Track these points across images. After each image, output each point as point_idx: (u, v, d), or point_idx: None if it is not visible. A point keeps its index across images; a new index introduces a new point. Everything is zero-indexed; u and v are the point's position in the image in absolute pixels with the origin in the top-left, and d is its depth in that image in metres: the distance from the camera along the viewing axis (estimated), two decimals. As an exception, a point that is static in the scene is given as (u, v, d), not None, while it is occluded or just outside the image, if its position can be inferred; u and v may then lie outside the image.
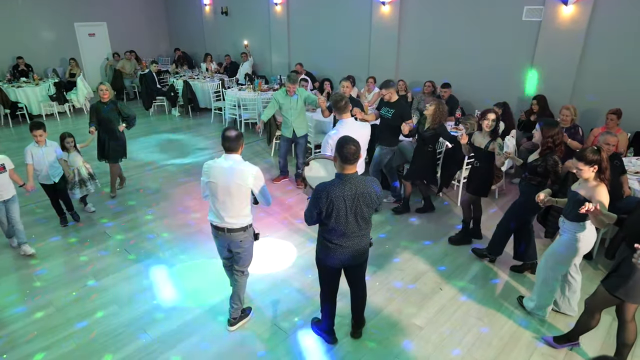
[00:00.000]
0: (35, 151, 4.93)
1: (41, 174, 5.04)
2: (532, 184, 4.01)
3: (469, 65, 7.67)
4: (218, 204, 3.35)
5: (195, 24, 13.75)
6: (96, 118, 5.75)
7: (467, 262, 4.73)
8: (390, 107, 5.49)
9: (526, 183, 4.10)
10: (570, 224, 3.43)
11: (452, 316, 3.91)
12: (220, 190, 3.29)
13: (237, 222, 3.38)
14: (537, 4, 6.59)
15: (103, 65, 13.73)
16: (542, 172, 3.92)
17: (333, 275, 3.35)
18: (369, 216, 3.11)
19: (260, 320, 3.88)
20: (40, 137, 4.91)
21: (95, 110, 5.77)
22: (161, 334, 3.71)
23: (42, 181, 5.11)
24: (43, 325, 3.80)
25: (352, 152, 2.90)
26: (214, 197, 3.35)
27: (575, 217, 3.36)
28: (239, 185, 3.26)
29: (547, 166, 3.86)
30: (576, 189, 3.36)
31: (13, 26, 11.75)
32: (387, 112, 5.52)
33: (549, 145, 3.87)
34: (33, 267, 4.63)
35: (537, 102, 6.33)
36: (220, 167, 3.29)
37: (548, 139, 3.85)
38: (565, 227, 3.49)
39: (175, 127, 10.03)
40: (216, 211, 3.39)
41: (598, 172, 3.20)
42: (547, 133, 3.84)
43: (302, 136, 6.38)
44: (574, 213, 3.28)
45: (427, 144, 5.27)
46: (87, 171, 5.56)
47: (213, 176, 3.29)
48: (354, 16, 9.23)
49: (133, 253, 4.88)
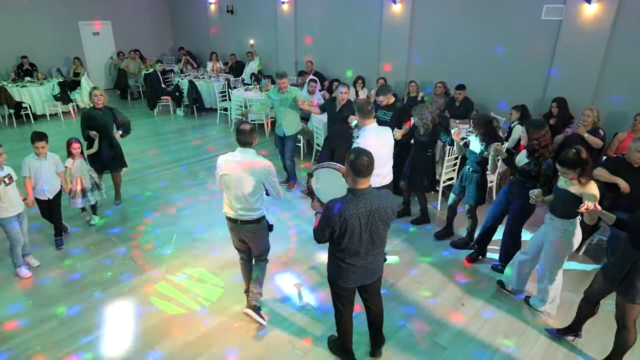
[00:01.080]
0: (33, 164, 4.56)
1: (35, 188, 4.64)
2: (526, 187, 3.95)
3: (484, 66, 7.44)
4: (231, 197, 3.44)
5: (200, 22, 13.55)
6: (89, 126, 5.35)
7: (490, 275, 4.52)
8: (388, 109, 5.46)
9: (520, 186, 4.04)
10: (561, 221, 3.47)
11: (477, 334, 3.70)
12: (234, 183, 3.38)
13: (250, 214, 3.47)
14: (558, 2, 6.35)
15: (107, 64, 13.56)
16: (536, 175, 3.90)
17: (347, 295, 3.15)
18: (385, 233, 2.90)
19: (275, 337, 3.69)
20: (42, 149, 4.55)
21: (88, 118, 5.38)
22: (169, 352, 3.52)
23: (36, 195, 4.68)
24: (47, 339, 3.63)
25: (366, 164, 2.67)
26: (228, 189, 3.44)
27: (566, 214, 3.42)
28: (251, 178, 3.35)
29: (541, 170, 3.84)
30: (564, 186, 3.40)
31: (17, 25, 11.59)
32: (384, 115, 5.44)
33: (534, 147, 3.83)
34: (37, 276, 4.46)
35: (557, 104, 6.10)
36: (234, 161, 3.37)
37: (534, 140, 3.82)
38: (555, 225, 3.51)
39: (180, 127, 9.86)
40: (230, 203, 3.47)
41: (582, 172, 3.26)
42: (534, 135, 3.81)
43: (290, 136, 6.20)
44: (566, 210, 3.38)
45: (425, 148, 5.10)
46: (92, 180, 5.27)
47: (227, 169, 3.37)
48: (364, 15, 9.00)
49: (139, 262, 4.70)
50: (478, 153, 4.51)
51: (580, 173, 3.27)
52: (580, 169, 3.25)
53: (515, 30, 6.94)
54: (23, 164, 4.51)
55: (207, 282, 4.41)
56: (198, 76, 11.09)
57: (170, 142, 8.72)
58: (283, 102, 6.05)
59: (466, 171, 4.72)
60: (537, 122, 3.98)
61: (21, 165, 4.49)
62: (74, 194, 5.10)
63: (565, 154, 3.31)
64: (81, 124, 5.41)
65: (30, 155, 4.58)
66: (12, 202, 4.18)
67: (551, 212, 3.57)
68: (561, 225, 3.49)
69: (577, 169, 3.25)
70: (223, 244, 5.00)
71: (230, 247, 4.53)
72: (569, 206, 3.33)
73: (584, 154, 3.27)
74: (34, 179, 4.59)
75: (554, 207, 3.53)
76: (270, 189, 3.48)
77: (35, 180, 4.61)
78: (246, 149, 3.39)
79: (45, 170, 4.64)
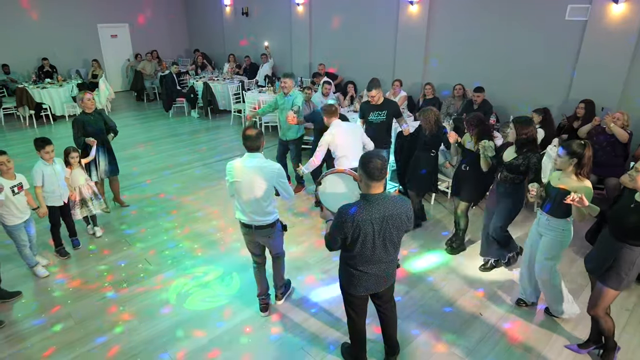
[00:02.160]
0: (46, 170, 4.42)
1: (53, 195, 4.52)
2: (516, 182, 4.02)
3: (504, 68, 7.29)
4: (244, 203, 3.43)
5: (215, 24, 13.62)
6: (85, 132, 5.19)
7: (509, 283, 4.38)
8: (381, 109, 5.29)
9: (510, 183, 4.04)
10: (557, 220, 3.45)
11: (496, 346, 3.57)
12: (245, 189, 3.37)
13: (264, 219, 3.48)
14: (583, 2, 6.18)
15: (124, 66, 13.72)
16: (524, 170, 3.92)
17: (359, 302, 3.06)
18: (399, 240, 2.80)
19: (288, 342, 3.62)
20: (52, 153, 4.44)
21: (82, 124, 5.19)
22: (181, 355, 3.48)
23: (51, 203, 4.55)
24: (62, 339, 3.63)
25: (379, 167, 2.57)
26: (240, 196, 3.43)
27: (562, 214, 3.41)
28: (262, 183, 3.35)
29: (530, 164, 3.87)
30: (557, 184, 3.38)
31: (39, 28, 11.83)
32: (378, 116, 5.31)
33: (522, 142, 3.88)
34: (53, 275, 4.48)
35: (584, 105, 5.91)
36: (243, 167, 3.36)
37: (522, 135, 3.86)
38: (552, 224, 3.48)
39: (195, 129, 9.89)
40: (242, 210, 3.47)
41: (577, 166, 3.25)
42: (522, 130, 3.85)
43: (292, 140, 6.12)
44: (562, 209, 3.35)
45: (430, 149, 5.03)
46: (91, 190, 5.04)
47: (237, 176, 3.37)
48: (380, 16, 8.91)
49: (153, 263, 4.69)
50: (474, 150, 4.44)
51: (578, 165, 3.25)
52: (578, 161, 3.24)
53: (537, 30, 6.78)
54: (35, 174, 4.36)
55: (220, 285, 4.36)
56: (213, 78, 11.13)
57: (184, 144, 8.75)
58: (286, 105, 5.96)
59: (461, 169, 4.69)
60: (525, 118, 4.00)
61: (32, 175, 4.36)
62: (73, 204, 4.89)
63: (572, 140, 3.32)
64: (75, 130, 5.20)
65: (39, 163, 4.43)
66: (21, 210, 4.14)
67: (548, 212, 3.50)
68: (557, 225, 3.46)
69: (574, 157, 3.23)
70: (237, 246, 4.97)
71: (244, 249, 4.50)
72: (562, 204, 3.26)
73: (589, 149, 3.24)
74: (50, 186, 4.47)
75: (553, 208, 3.46)
76: (280, 190, 3.47)
77: (52, 187, 4.49)
78: (254, 154, 3.38)
79: (59, 175, 4.57)
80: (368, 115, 5.34)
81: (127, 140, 8.98)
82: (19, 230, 4.19)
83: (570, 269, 4.56)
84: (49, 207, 4.55)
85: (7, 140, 8.93)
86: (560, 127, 6.25)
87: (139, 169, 7.37)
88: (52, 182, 4.48)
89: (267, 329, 3.77)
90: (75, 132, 5.20)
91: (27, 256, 4.36)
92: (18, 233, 4.19)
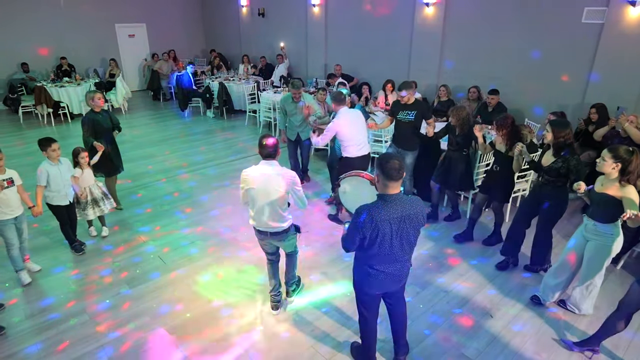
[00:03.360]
0: (52, 170, 4.42)
1: (58, 194, 4.52)
2: (558, 185, 4.03)
3: (520, 70, 7.24)
4: (259, 210, 3.45)
5: (231, 25, 13.74)
6: (95, 130, 5.23)
7: (520, 285, 4.36)
8: (410, 109, 5.29)
9: (552, 187, 4.06)
10: (604, 226, 3.43)
11: (506, 348, 3.56)
12: (261, 196, 3.40)
13: (279, 225, 3.53)
14: (600, 5, 6.11)
15: (141, 66, 13.93)
16: (565, 172, 3.92)
17: (372, 301, 3.10)
18: (415, 239, 2.84)
19: (298, 340, 3.66)
20: (59, 151, 4.45)
21: (92, 123, 5.22)
22: (193, 351, 3.54)
23: (57, 202, 4.56)
24: (76, 333, 3.72)
25: (396, 167, 2.61)
26: (255, 203, 3.45)
27: (607, 219, 3.39)
28: (278, 190, 3.37)
29: (570, 166, 3.88)
30: (600, 189, 3.39)
31: (58, 28, 12.06)
32: (407, 115, 5.31)
33: (560, 145, 3.92)
34: (69, 270, 4.59)
35: (596, 110, 5.86)
36: (259, 175, 3.39)
37: (560, 138, 3.90)
38: (599, 229, 3.47)
39: (210, 129, 9.99)
40: (257, 217, 3.50)
41: (621, 172, 3.26)
42: (559, 134, 3.90)
43: (306, 139, 6.43)
44: (606, 215, 3.36)
45: (461, 148, 5.09)
46: (100, 190, 5.05)
47: (253, 183, 3.39)
48: (395, 18, 8.91)
49: (167, 261, 4.77)
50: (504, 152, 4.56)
51: (622, 172, 3.26)
52: (622, 166, 3.24)
53: (553, 33, 6.71)
54: (40, 174, 4.37)
55: (233, 282, 4.42)
56: (228, 78, 11.24)
57: (199, 143, 8.86)
58: (298, 110, 6.21)
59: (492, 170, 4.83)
60: (562, 121, 4.04)
61: (38, 175, 4.38)
62: (84, 205, 4.89)
63: (620, 145, 3.33)
64: (85, 130, 5.22)
65: (44, 163, 4.44)
66: (10, 205, 4.05)
67: (592, 217, 3.51)
68: (604, 230, 3.45)
69: (618, 162, 3.25)
70: (250, 245, 5.03)
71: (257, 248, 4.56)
72: (608, 209, 3.33)
73: (637, 156, 3.23)
74: (56, 186, 4.47)
75: (593, 212, 3.50)
76: (295, 198, 3.51)
77: (58, 187, 4.50)
78: (270, 162, 3.41)
79: (64, 174, 4.56)
80: (397, 114, 5.38)
81: (143, 139, 9.14)
82: (8, 228, 4.11)
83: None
84: (55, 206, 4.58)
85: (25, 138, 9.14)
86: (577, 131, 6.18)
87: (154, 168, 7.48)
88: (58, 181, 4.48)
89: (278, 326, 3.81)
90: (84, 132, 5.23)
91: (15, 258, 4.25)
92: (6, 230, 4.10)
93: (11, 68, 11.47)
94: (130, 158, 7.88)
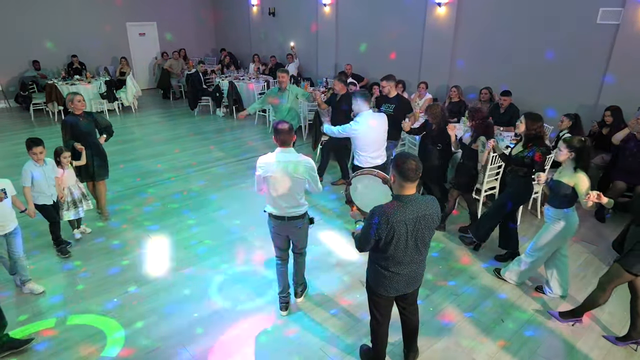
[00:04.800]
0: (36, 171, 4.34)
1: (43, 195, 4.45)
2: (520, 175, 4.34)
3: (533, 72, 7.13)
4: (278, 196, 3.49)
5: (242, 24, 13.75)
6: (73, 134, 5.03)
7: (532, 291, 4.28)
8: (391, 102, 5.72)
9: (514, 175, 4.40)
10: (555, 210, 3.78)
11: (517, 354, 3.50)
12: (280, 182, 3.43)
13: (297, 210, 3.58)
14: (616, 5, 6.00)
15: (151, 64, 13.99)
16: (529, 163, 4.19)
17: (386, 304, 3.05)
18: (430, 240, 2.80)
19: (307, 342, 3.63)
20: (41, 155, 4.33)
21: (70, 126, 5.03)
22: (200, 350, 3.53)
23: (42, 202, 4.48)
24: (83, 332, 3.72)
25: (414, 168, 2.56)
26: (273, 189, 3.48)
27: (560, 204, 3.73)
28: (296, 176, 3.42)
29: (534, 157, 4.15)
30: (558, 177, 3.71)
31: (69, 26, 12.15)
32: (387, 108, 5.69)
33: (530, 136, 4.20)
34: (77, 269, 4.59)
35: (610, 113, 5.75)
36: (277, 162, 3.41)
37: (532, 130, 4.18)
38: (550, 214, 3.84)
39: (220, 127, 10.00)
40: (275, 203, 3.54)
41: (576, 160, 3.59)
42: (532, 125, 4.17)
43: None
44: (559, 200, 3.71)
45: (436, 143, 5.11)
46: (80, 191, 4.97)
47: (271, 170, 3.42)
48: (407, 18, 8.84)
49: (175, 260, 4.76)
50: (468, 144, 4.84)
51: (576, 159, 3.59)
52: (577, 155, 3.57)
53: (567, 34, 6.61)
54: (24, 174, 4.30)
55: (241, 282, 4.40)
56: (238, 77, 11.24)
57: (209, 142, 8.86)
58: (284, 100, 6.25)
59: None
60: (535, 114, 4.30)
61: (22, 175, 4.31)
62: (66, 206, 4.83)
63: (573, 137, 3.70)
64: (64, 133, 5.10)
65: (29, 163, 4.37)
66: (3, 218, 3.80)
67: (549, 203, 3.85)
68: (556, 215, 3.78)
69: (573, 151, 3.58)
70: (259, 244, 5.01)
71: (266, 247, 4.55)
72: (560, 196, 3.69)
73: (587, 145, 3.66)
74: (39, 187, 4.40)
75: (551, 198, 3.83)
76: (312, 183, 3.55)
77: (42, 188, 4.43)
78: (287, 149, 3.44)
79: (49, 175, 4.50)
80: (380, 106, 5.83)
81: (153, 137, 9.17)
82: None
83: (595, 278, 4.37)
84: (41, 205, 4.49)
85: (36, 135, 9.11)
86: (591, 134, 6.08)
87: (164, 166, 7.50)
88: (41, 183, 4.41)
89: (287, 328, 3.78)
90: (63, 135, 5.10)
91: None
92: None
93: (23, 66, 11.56)
94: (139, 156, 7.92)
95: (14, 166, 7.04)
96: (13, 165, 7.17)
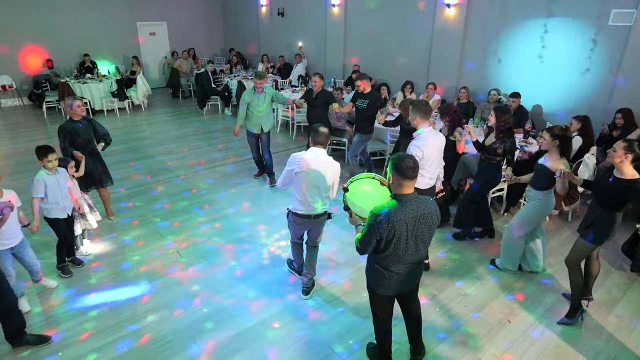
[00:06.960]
0: (50, 182, 4.01)
1: (57, 206, 4.12)
2: (492, 164, 4.69)
3: (542, 73, 7.12)
4: (307, 193, 3.71)
5: (251, 24, 13.83)
6: (73, 141, 4.76)
7: (540, 292, 4.29)
8: (365, 98, 6.14)
9: (486, 164, 4.73)
10: (537, 192, 4.05)
11: (524, 355, 3.51)
12: (312, 180, 3.66)
13: (322, 207, 3.83)
14: (628, 7, 5.97)
15: (161, 63, 14.10)
16: (501, 153, 4.57)
17: (387, 303, 3.08)
18: (429, 239, 2.83)
19: (315, 339, 3.67)
20: (55, 162, 4.01)
21: (69, 132, 4.74)
22: (210, 346, 3.58)
23: (55, 215, 4.16)
24: (96, 325, 3.79)
25: (411, 165, 2.63)
26: (304, 186, 3.69)
27: (541, 187, 4.01)
28: (328, 177, 3.69)
29: (505, 148, 4.53)
30: (542, 162, 3.98)
31: (82, 25, 12.29)
32: (362, 103, 6.15)
33: (501, 128, 4.51)
34: (90, 263, 4.67)
35: (622, 115, 5.73)
36: (313, 160, 3.66)
37: (501, 122, 4.50)
38: (531, 195, 4.11)
39: (228, 126, 10.05)
40: (304, 199, 3.74)
41: (560, 147, 3.84)
42: (501, 118, 4.49)
43: (267, 132, 6.57)
44: (541, 182, 3.99)
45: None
46: (87, 202, 4.72)
47: (306, 167, 3.64)
48: (416, 19, 8.85)
49: (185, 256, 4.83)
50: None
51: (560, 146, 3.83)
52: (560, 142, 3.82)
53: (578, 35, 6.59)
54: (37, 184, 3.98)
55: (249, 279, 4.45)
56: (247, 77, 11.30)
57: (217, 141, 8.93)
58: (261, 102, 6.27)
59: None
60: (503, 107, 4.67)
61: (34, 185, 4.00)
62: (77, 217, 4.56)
63: (554, 126, 3.98)
64: (62, 139, 4.78)
65: (41, 173, 4.04)
66: (8, 234, 3.56)
67: (531, 185, 4.11)
68: (537, 195, 4.05)
69: (556, 140, 3.82)
70: (266, 243, 5.06)
71: (275, 245, 4.60)
72: (541, 179, 3.98)
73: (569, 132, 3.98)
74: (54, 198, 4.08)
75: (533, 181, 4.09)
76: (336, 185, 3.81)
77: (56, 198, 4.10)
78: (320, 149, 3.72)
79: (62, 185, 4.15)
80: (356, 101, 6.26)
81: (162, 135, 9.26)
82: (3, 259, 3.61)
83: (604, 281, 4.43)
84: (54, 219, 4.19)
85: (49, 132, 9.34)
86: (601, 137, 6.06)
87: (173, 164, 7.57)
88: (56, 193, 4.09)
89: (294, 325, 3.83)
90: (61, 142, 4.76)
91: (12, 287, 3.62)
92: (2, 261, 3.60)
93: (36, 64, 11.71)
94: (149, 154, 8.00)
95: (27, 163, 7.17)
96: (26, 162, 7.29)
